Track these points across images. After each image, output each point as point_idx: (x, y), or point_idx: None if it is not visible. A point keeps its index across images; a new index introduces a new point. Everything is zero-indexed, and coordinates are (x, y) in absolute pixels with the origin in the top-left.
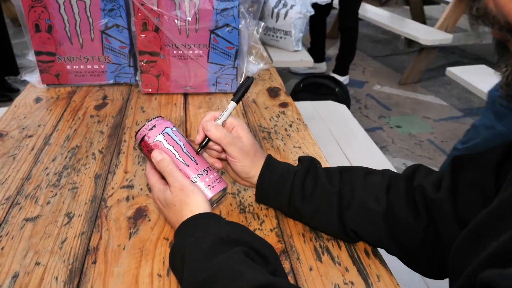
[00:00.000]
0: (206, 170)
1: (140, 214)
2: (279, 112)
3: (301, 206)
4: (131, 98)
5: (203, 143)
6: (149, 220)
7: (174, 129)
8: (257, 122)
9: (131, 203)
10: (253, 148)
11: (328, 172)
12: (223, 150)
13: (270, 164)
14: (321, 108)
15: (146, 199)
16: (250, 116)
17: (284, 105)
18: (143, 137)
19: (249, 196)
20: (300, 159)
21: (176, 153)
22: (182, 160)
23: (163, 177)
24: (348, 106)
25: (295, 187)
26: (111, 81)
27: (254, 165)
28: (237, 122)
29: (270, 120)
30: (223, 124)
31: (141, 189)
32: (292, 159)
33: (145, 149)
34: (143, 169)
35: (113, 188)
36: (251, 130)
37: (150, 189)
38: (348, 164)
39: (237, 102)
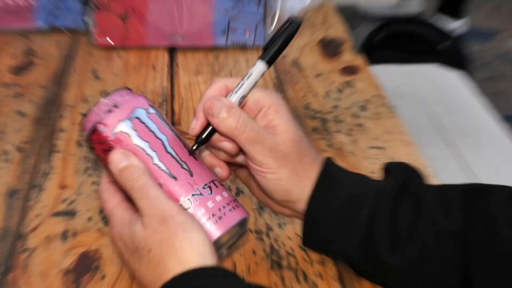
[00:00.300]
0: (209, 187)
1: (86, 266)
2: (343, 83)
3: (389, 256)
4: (76, 54)
5: (202, 137)
6: (103, 278)
7: (151, 111)
8: (301, 101)
9: (70, 244)
10: (297, 147)
11: (440, 195)
12: (241, 151)
13: (330, 176)
14: (416, 77)
15: (98, 237)
16: (289, 91)
17: (350, 70)
18: (96, 125)
19: (288, 236)
20: (388, 168)
21: (154, 154)
22: (164, 168)
23: (129, 199)
24: (467, 75)
25: (379, 221)
26: (42, 25)
27: (298, 178)
28: (268, 99)
29: (325, 97)
30: (242, 103)
31: (90, 218)
32: (368, 170)
33: (98, 146)
34: (94, 183)
35: (38, 216)
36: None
37: (106, 220)
38: (475, 180)
39: (268, 63)
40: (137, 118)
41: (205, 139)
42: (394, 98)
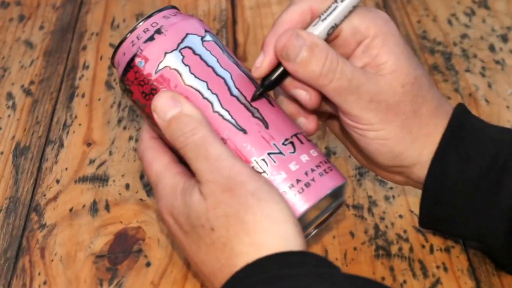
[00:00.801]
0: (291, 143)
1: (124, 250)
2: (476, 2)
3: None
4: None
5: (271, 80)
6: (148, 266)
7: (208, 37)
8: (415, 28)
9: (102, 220)
10: (411, 94)
11: None
12: (327, 100)
13: (462, 132)
14: None
15: (139, 211)
16: (397, 14)
17: None
18: (133, 58)
19: (400, 214)
20: None
21: (214, 98)
22: (229, 117)
23: (182, 160)
24: None
25: None
26: None
27: (412, 136)
28: (373, 26)
29: (449, 23)
30: (330, 35)
31: (127, 186)
32: (511, 125)
33: (135, 88)
34: (131, 139)
35: (58, 181)
36: None
37: (150, 188)
38: None
39: None
40: (190, 48)
41: (272, 84)
42: None
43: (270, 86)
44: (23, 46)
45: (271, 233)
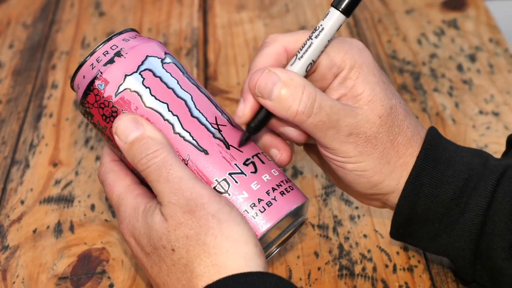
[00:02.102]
0: (252, 163)
1: (87, 271)
2: (444, 23)
3: (505, 262)
4: None
5: (254, 125)
6: (111, 287)
7: (168, 60)
8: (385, 48)
9: (66, 242)
10: (387, 125)
11: None
12: (306, 138)
13: (434, 156)
14: None
15: (103, 232)
16: (368, 34)
17: (455, 4)
18: (93, 80)
19: (364, 233)
20: None
21: (175, 120)
22: (190, 138)
23: (143, 182)
24: None
25: (496, 215)
26: None
27: (390, 167)
28: (348, 57)
29: (419, 43)
30: (308, 71)
31: (92, 206)
32: (477, 144)
33: (96, 111)
34: (98, 159)
35: (22, 202)
36: None
37: (112, 209)
38: None
39: (346, 13)
40: (150, 70)
41: (258, 127)
42: None
43: (256, 129)
44: None
45: (231, 254)
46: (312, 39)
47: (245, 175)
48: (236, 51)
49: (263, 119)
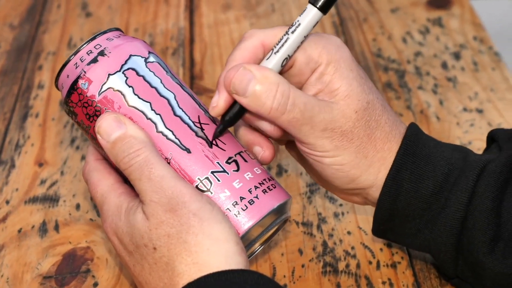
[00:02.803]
0: (235, 161)
1: (72, 270)
2: (429, 21)
3: (486, 257)
4: None
5: (228, 118)
6: (95, 285)
7: (151, 59)
8: (371, 46)
9: (51, 241)
10: (364, 119)
11: None
12: (281, 133)
13: (414, 151)
14: None
15: (88, 231)
16: (353, 33)
17: (440, 3)
18: (76, 79)
19: (348, 230)
20: (495, 136)
21: (157, 119)
22: (172, 137)
23: (126, 180)
24: None
25: (477, 210)
26: None
27: (368, 161)
28: (325, 53)
29: (404, 41)
30: (284, 66)
31: (77, 206)
32: (461, 141)
33: (80, 110)
34: (83, 159)
35: (7, 202)
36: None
37: (97, 208)
38: None
39: (323, 9)
40: (133, 69)
41: (232, 120)
42: (501, 42)
43: (231, 122)
44: None
45: (212, 252)
46: (288, 34)
47: (228, 173)
48: (222, 50)
49: (237, 112)
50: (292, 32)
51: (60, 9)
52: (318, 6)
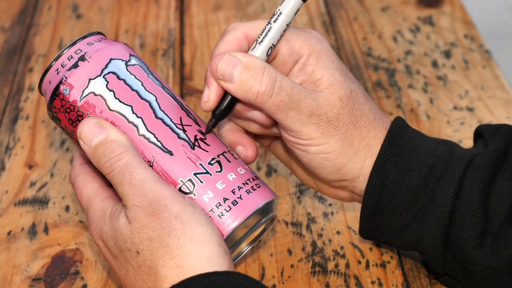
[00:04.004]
0: (218, 162)
1: (61, 272)
2: (419, 19)
3: (475, 251)
4: None
5: (220, 110)
6: (84, 287)
7: (132, 61)
8: (361, 45)
9: (40, 243)
10: (348, 107)
11: None
12: (272, 121)
13: (399, 143)
14: None
15: (77, 233)
16: (343, 31)
17: (432, 1)
18: (58, 85)
19: (337, 230)
20: (482, 132)
21: (139, 122)
22: (154, 140)
23: (109, 184)
24: None
25: (465, 203)
26: None
27: (354, 149)
28: (307, 44)
29: (394, 40)
30: (269, 55)
31: (67, 208)
32: (453, 139)
33: (62, 116)
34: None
35: None
36: (346, 64)
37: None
38: None
39: None
40: (113, 73)
41: (224, 113)
42: (491, 40)
43: (222, 115)
44: None
45: (194, 254)
46: (271, 23)
47: (210, 174)
48: (211, 50)
49: (228, 104)
50: (275, 21)
51: (51, 11)
52: None
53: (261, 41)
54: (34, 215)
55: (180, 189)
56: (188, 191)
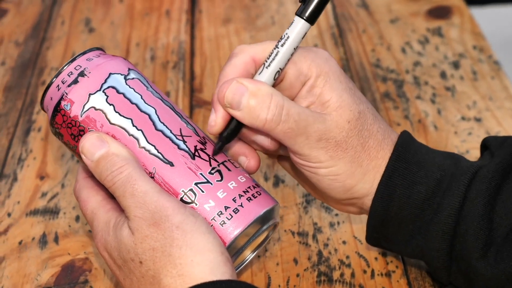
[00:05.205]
0: (218, 171)
1: (70, 281)
2: (429, 31)
3: (479, 261)
4: None
5: (225, 135)
6: None
7: (131, 75)
8: (369, 56)
9: (50, 252)
10: (357, 129)
11: None
12: (278, 144)
13: (406, 157)
14: None
15: (87, 243)
16: (352, 43)
17: (441, 12)
18: (59, 101)
19: (343, 240)
20: (488, 144)
21: (139, 134)
22: (155, 152)
23: (113, 196)
24: None
25: (469, 215)
26: None
27: (363, 170)
28: (314, 66)
29: (403, 51)
30: (276, 79)
31: (77, 218)
32: (459, 150)
33: (65, 131)
34: None
35: (9, 215)
36: (354, 78)
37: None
38: None
39: (310, 21)
40: (113, 87)
41: (230, 137)
42: (501, 51)
43: (228, 138)
44: None
45: (196, 263)
46: (278, 47)
47: (211, 184)
48: (222, 63)
49: (235, 128)
50: (282, 45)
51: (64, 25)
52: (305, 17)
53: (268, 65)
54: (45, 225)
55: (182, 199)
56: (189, 200)
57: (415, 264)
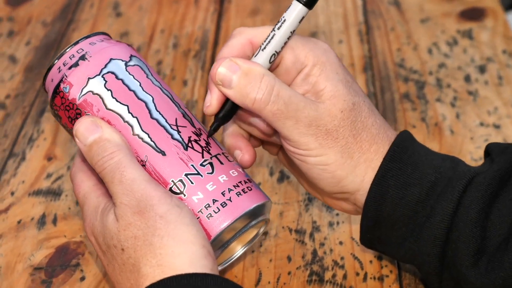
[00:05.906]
0: (210, 163)
1: (62, 263)
2: (459, 32)
3: (469, 270)
4: None
5: (221, 115)
6: (82, 280)
7: (132, 62)
8: (394, 55)
9: (47, 233)
10: (350, 120)
11: None
12: (273, 128)
13: (402, 157)
14: None
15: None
16: (379, 41)
17: (474, 14)
18: (59, 83)
19: (340, 240)
20: (489, 150)
21: (134, 122)
22: (148, 140)
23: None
24: None
25: (463, 221)
26: None
27: (354, 162)
28: (311, 54)
29: (429, 52)
30: (272, 63)
31: (77, 202)
32: (472, 156)
33: (63, 114)
34: None
35: (12, 194)
36: (375, 76)
37: None
38: None
39: (308, 4)
40: (112, 73)
41: (225, 118)
42: None
43: (224, 119)
44: (6, 61)
45: (176, 254)
46: (275, 30)
47: (201, 176)
48: None
49: (230, 109)
50: (278, 29)
51: (93, 8)
52: (303, 2)
53: (264, 48)
54: (45, 206)
55: (170, 189)
56: (178, 191)
57: (409, 270)
